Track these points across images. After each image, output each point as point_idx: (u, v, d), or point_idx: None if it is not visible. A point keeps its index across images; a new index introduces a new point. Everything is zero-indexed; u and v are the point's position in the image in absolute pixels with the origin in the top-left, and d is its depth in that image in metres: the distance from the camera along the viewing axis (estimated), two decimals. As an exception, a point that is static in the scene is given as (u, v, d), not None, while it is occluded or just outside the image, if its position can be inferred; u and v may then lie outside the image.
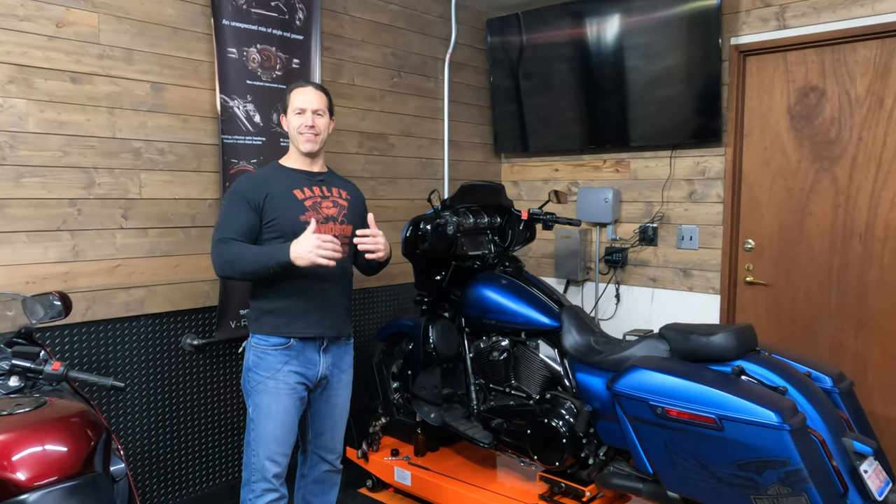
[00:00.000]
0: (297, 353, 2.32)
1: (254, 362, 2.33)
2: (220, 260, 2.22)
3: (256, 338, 2.34)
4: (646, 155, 3.90)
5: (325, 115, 2.37)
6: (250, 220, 2.27)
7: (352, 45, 3.60)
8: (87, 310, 2.68)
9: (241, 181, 2.34)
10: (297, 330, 2.31)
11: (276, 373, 2.30)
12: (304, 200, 2.34)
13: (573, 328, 2.76)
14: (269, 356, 2.30)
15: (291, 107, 2.35)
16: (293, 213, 2.30)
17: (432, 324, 3.00)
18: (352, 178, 3.64)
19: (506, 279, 2.99)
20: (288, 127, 2.38)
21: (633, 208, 3.96)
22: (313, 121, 2.33)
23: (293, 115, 2.34)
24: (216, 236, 2.26)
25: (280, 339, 2.31)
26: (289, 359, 2.31)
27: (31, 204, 2.53)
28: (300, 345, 2.32)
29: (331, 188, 2.44)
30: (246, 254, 2.19)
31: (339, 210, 2.42)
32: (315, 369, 2.37)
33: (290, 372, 2.31)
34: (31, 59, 2.50)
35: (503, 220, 3.33)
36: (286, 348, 2.31)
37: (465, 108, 4.29)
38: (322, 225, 2.34)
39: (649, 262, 3.90)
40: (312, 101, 2.34)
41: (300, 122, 2.33)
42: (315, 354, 2.36)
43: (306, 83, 2.40)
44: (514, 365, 2.96)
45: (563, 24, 4.03)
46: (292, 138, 2.38)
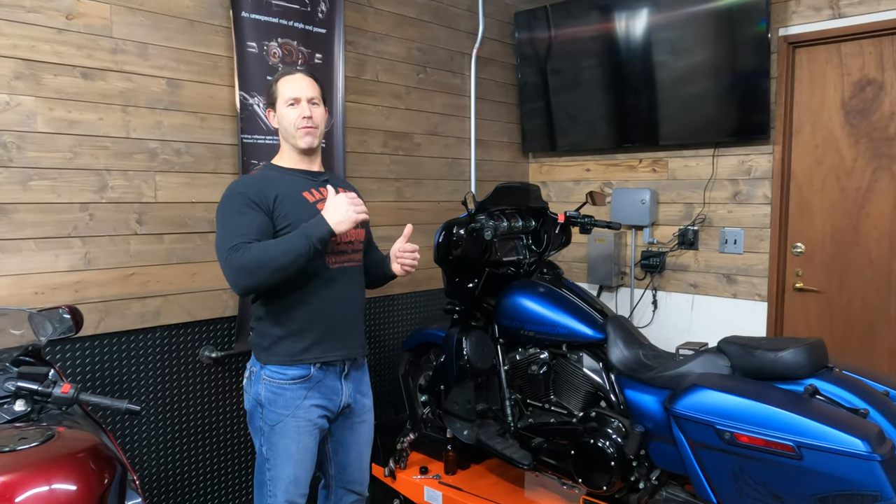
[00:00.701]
0: (316, 382, 2.03)
1: (268, 398, 2.00)
2: (242, 267, 1.82)
3: (270, 370, 2.01)
4: (685, 154, 3.69)
5: (320, 104, 2.06)
6: (263, 222, 1.92)
7: (376, 40, 3.42)
8: (99, 322, 2.51)
9: (238, 184, 1.98)
10: (318, 355, 2.01)
11: (295, 409, 2.00)
12: (316, 203, 2.04)
13: (620, 340, 2.56)
14: (286, 391, 1.99)
15: (281, 98, 2.02)
16: (308, 217, 1.97)
17: (466, 335, 2.81)
18: (377, 180, 3.45)
19: (544, 287, 2.79)
20: (278, 122, 2.05)
21: (671, 210, 3.75)
22: (310, 110, 2.01)
23: (285, 106, 2.01)
24: (226, 246, 1.86)
25: (299, 370, 2.00)
26: (308, 391, 2.01)
27: (39, 209, 2.36)
28: (321, 373, 2.04)
29: (336, 189, 2.10)
30: (271, 249, 1.84)
31: None
32: (338, 399, 2.09)
33: (311, 407, 2.02)
34: (40, 54, 2.33)
35: (538, 223, 3.13)
36: (306, 381, 2.01)
37: (491, 106, 4.10)
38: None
39: (689, 267, 3.69)
40: (306, 89, 2.02)
41: (296, 115, 2.00)
42: (336, 382, 2.08)
43: (294, 70, 2.08)
44: (553, 379, 2.76)
45: (593, 16, 3.83)
46: (286, 134, 2.05)
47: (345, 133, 3.24)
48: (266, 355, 2.02)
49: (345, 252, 2.08)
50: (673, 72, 3.56)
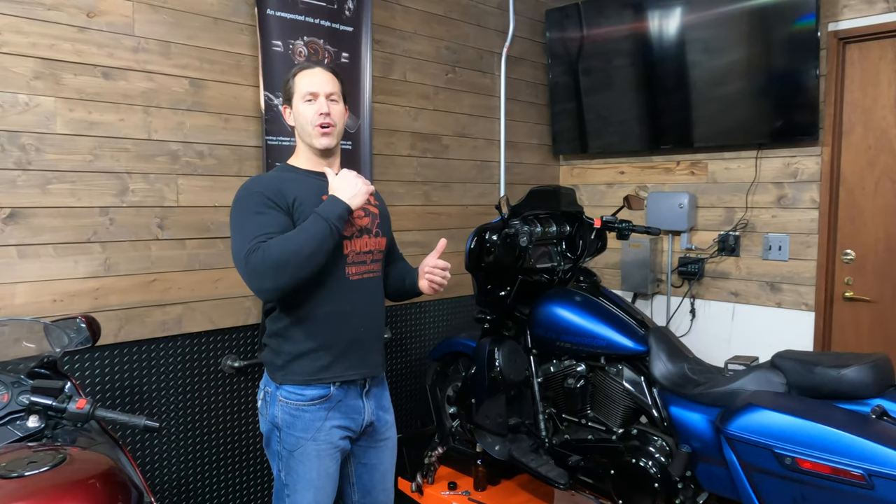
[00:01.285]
0: (337, 402, 1.87)
1: (285, 421, 1.85)
2: (266, 266, 1.66)
3: (286, 390, 1.85)
4: (726, 155, 3.53)
5: (339, 100, 1.89)
6: (285, 221, 1.76)
7: (404, 38, 3.30)
8: (119, 330, 2.42)
9: (254, 183, 1.83)
10: (338, 373, 1.85)
11: (316, 432, 1.84)
12: None
13: (663, 354, 2.41)
14: (305, 413, 1.83)
15: (298, 93, 1.87)
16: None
17: (498, 346, 2.68)
18: (404, 183, 3.34)
19: (581, 296, 2.65)
20: (294, 119, 1.90)
21: (711, 214, 3.59)
22: (328, 107, 1.85)
23: (301, 102, 1.86)
24: (244, 249, 1.70)
25: (318, 390, 1.84)
26: (329, 412, 1.85)
27: (58, 213, 2.28)
28: (341, 392, 1.87)
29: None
30: (292, 239, 1.69)
31: (372, 219, 1.97)
32: (360, 418, 1.92)
33: (332, 429, 1.86)
34: (60, 53, 2.25)
35: (573, 228, 2.99)
36: (325, 401, 1.85)
37: (522, 107, 3.96)
38: (357, 239, 1.90)
39: (730, 275, 3.52)
40: (325, 84, 1.86)
41: (312, 111, 1.84)
42: (358, 401, 1.92)
43: (313, 64, 1.93)
44: (591, 393, 2.62)
45: (627, 14, 3.68)
46: (302, 132, 1.89)
47: (371, 135, 3.13)
48: (281, 374, 1.86)
49: (363, 262, 1.92)
50: (712, 70, 3.40)
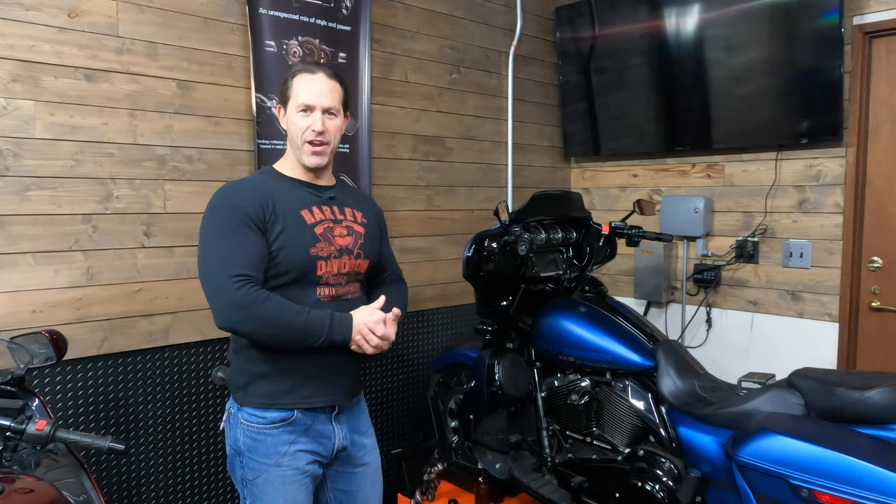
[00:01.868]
0: (303, 427, 1.72)
1: (247, 445, 1.71)
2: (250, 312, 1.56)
3: (247, 412, 1.71)
4: (744, 157, 3.35)
5: (338, 115, 1.74)
6: (263, 247, 1.63)
7: (405, 37, 3.19)
8: (103, 341, 2.34)
9: (233, 191, 1.68)
10: (300, 399, 1.70)
11: (279, 458, 1.69)
12: (315, 226, 1.71)
13: (672, 369, 2.26)
14: (266, 437, 1.69)
15: (294, 100, 1.72)
16: (303, 243, 1.68)
17: (499, 359, 2.55)
18: (405, 188, 3.22)
19: (586, 307, 2.51)
20: (287, 125, 1.75)
21: (728, 219, 3.42)
22: (323, 124, 1.70)
23: (295, 112, 1.71)
24: (228, 271, 1.58)
25: (279, 414, 1.69)
26: (295, 436, 1.71)
27: (38, 221, 2.20)
28: (307, 417, 1.72)
29: (343, 209, 1.80)
30: (287, 314, 1.59)
31: (355, 239, 1.79)
32: (330, 443, 1.77)
33: (298, 453, 1.71)
34: (39, 55, 2.18)
35: (580, 234, 2.85)
36: (288, 424, 1.70)
37: (530, 108, 3.83)
38: (334, 260, 1.73)
39: (748, 283, 3.34)
40: (323, 96, 1.70)
41: (305, 126, 1.70)
42: (327, 426, 1.76)
43: (316, 67, 1.74)
44: (596, 410, 2.48)
45: (641, 11, 3.53)
46: (292, 143, 1.76)
47: (370, 137, 3.02)
48: (242, 395, 1.73)
49: (339, 284, 1.75)
50: (729, 69, 3.23)
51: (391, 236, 3.15)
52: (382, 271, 1.98)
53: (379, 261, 1.92)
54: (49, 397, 2.24)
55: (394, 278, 2.02)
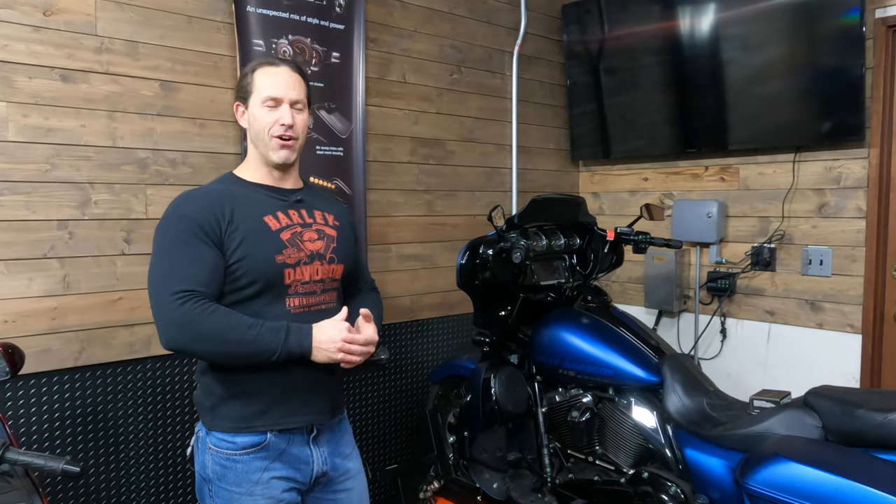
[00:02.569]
0: (277, 452, 1.58)
1: (216, 472, 1.57)
2: (189, 329, 1.44)
3: (215, 437, 1.58)
4: (759, 159, 3.19)
5: (304, 109, 1.65)
6: (215, 260, 1.51)
7: (403, 36, 3.07)
8: (80, 353, 2.24)
9: (185, 201, 1.57)
10: (274, 420, 1.57)
11: (252, 486, 1.55)
12: (280, 232, 1.60)
13: (679, 386, 2.11)
14: (237, 464, 1.55)
15: (257, 94, 1.60)
16: (267, 251, 1.56)
17: (496, 372, 2.41)
18: (403, 192, 3.10)
19: (588, 318, 2.37)
20: (248, 123, 1.64)
21: (743, 225, 3.25)
22: (292, 118, 1.60)
23: (259, 107, 1.60)
24: (170, 287, 1.46)
25: (251, 438, 1.56)
26: (268, 462, 1.57)
27: (10, 227, 2.11)
28: (281, 440, 1.58)
29: (312, 212, 1.69)
30: (235, 328, 1.46)
31: (327, 243, 1.68)
32: (307, 469, 1.63)
33: (272, 480, 1.57)
34: (12, 54, 2.09)
35: (584, 241, 2.71)
36: (261, 449, 1.57)
37: (536, 109, 3.69)
38: (305, 266, 1.61)
39: (765, 291, 3.17)
40: (290, 89, 1.61)
41: (272, 120, 1.59)
42: (304, 448, 1.62)
43: (278, 60, 1.66)
44: (598, 427, 2.33)
45: (653, 9, 3.38)
46: (256, 140, 1.63)
47: (366, 140, 2.91)
48: (210, 418, 1.59)
49: (312, 293, 1.63)
50: (745, 68, 3.08)
51: (388, 242, 3.05)
52: (355, 281, 1.85)
53: (353, 268, 1.79)
54: (22, 411, 2.14)
55: (367, 288, 1.90)
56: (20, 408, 2.14)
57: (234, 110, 1.69)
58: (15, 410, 2.13)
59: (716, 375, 3.26)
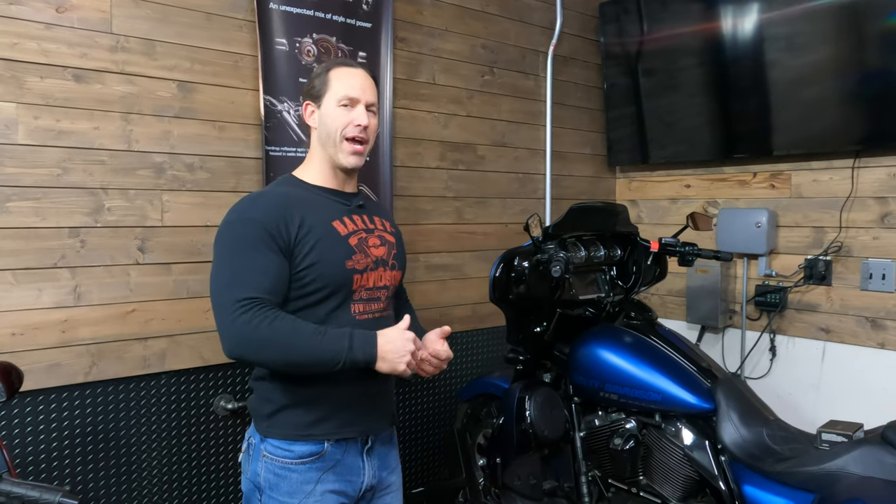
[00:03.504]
0: (332, 462, 1.56)
1: (268, 481, 1.54)
2: (253, 337, 1.40)
3: (271, 444, 1.55)
4: (814, 165, 2.97)
5: (376, 114, 1.65)
6: (280, 267, 1.48)
7: (433, 36, 2.93)
8: (91, 367, 2.13)
9: (252, 205, 1.54)
10: (333, 429, 1.55)
11: (305, 497, 1.52)
12: (349, 237, 1.58)
13: (735, 414, 1.92)
14: (292, 473, 1.53)
15: (333, 93, 1.57)
16: (337, 256, 1.54)
17: (530, 393, 2.24)
18: (431, 199, 2.95)
19: (632, 336, 2.19)
20: (319, 121, 1.59)
21: (795, 235, 3.03)
22: (367, 119, 1.57)
23: (335, 105, 1.56)
24: (233, 294, 1.42)
25: (309, 447, 1.54)
26: (322, 473, 1.54)
27: (19, 235, 2.00)
28: (337, 450, 1.56)
29: (373, 217, 1.69)
30: (300, 336, 1.42)
31: (389, 249, 1.67)
32: (358, 480, 1.61)
33: (325, 494, 1.54)
34: (23, 53, 1.99)
35: (625, 252, 2.53)
36: (318, 459, 1.54)
37: (571, 112, 3.51)
38: (371, 272, 1.59)
39: (820, 307, 2.95)
40: (367, 91, 1.59)
41: (347, 121, 1.55)
42: (357, 460, 1.61)
43: (354, 63, 1.65)
44: (643, 455, 2.14)
45: (695, 7, 3.19)
46: (326, 140, 1.59)
47: (393, 144, 2.76)
48: (267, 426, 1.56)
49: (377, 299, 1.63)
50: (796, 69, 2.87)
51: (415, 252, 2.89)
52: (401, 291, 1.85)
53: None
54: (30, 429, 2.03)
55: (405, 298, 1.92)
56: (27, 425, 2.02)
57: (303, 110, 1.65)
58: (22, 429, 2.01)
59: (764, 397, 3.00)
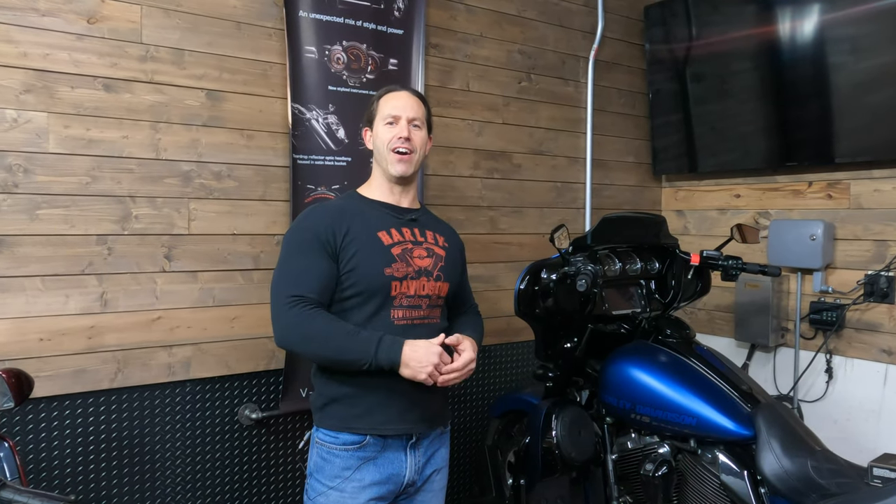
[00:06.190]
0: (374, 453, 1.69)
1: (317, 465, 1.72)
2: (296, 330, 1.62)
3: (322, 433, 1.73)
4: (876, 174, 2.76)
5: (422, 127, 1.81)
6: (328, 270, 1.68)
7: (467, 42, 2.87)
8: (116, 374, 2.14)
9: (310, 214, 1.77)
10: (374, 424, 1.68)
11: (342, 482, 1.67)
12: (392, 247, 1.73)
13: (777, 443, 1.77)
14: (336, 458, 1.68)
15: (380, 115, 1.79)
16: (377, 263, 1.69)
17: (558, 412, 2.13)
18: (465, 208, 2.89)
19: (667, 355, 2.06)
20: (373, 143, 1.81)
21: (854, 249, 2.82)
22: (409, 132, 1.75)
23: (382, 125, 1.78)
24: (285, 291, 1.65)
25: (352, 437, 1.68)
26: (362, 462, 1.68)
27: (48, 242, 2.03)
28: (379, 443, 1.69)
29: (424, 231, 1.82)
30: (334, 334, 1.61)
31: (435, 261, 1.79)
32: (400, 475, 1.72)
33: (364, 488, 1.67)
34: (55, 63, 2.03)
35: (663, 265, 2.40)
36: (359, 448, 1.68)
37: (614, 119, 3.39)
38: (412, 280, 1.72)
39: (881, 327, 2.73)
40: (409, 108, 1.78)
41: (391, 135, 1.76)
42: (400, 454, 1.72)
43: (400, 87, 1.86)
44: (677, 483, 2.01)
45: (748, 9, 3.03)
46: (378, 157, 1.80)
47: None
48: (319, 416, 1.75)
49: (417, 307, 1.74)
50: (855, 73, 2.69)
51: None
52: (461, 304, 1.96)
53: (458, 290, 1.90)
54: (56, 433, 2.06)
55: (472, 311, 2.00)
56: (54, 430, 2.05)
57: (363, 135, 1.86)
58: (48, 433, 2.04)
59: (819, 421, 2.84)
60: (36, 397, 1.99)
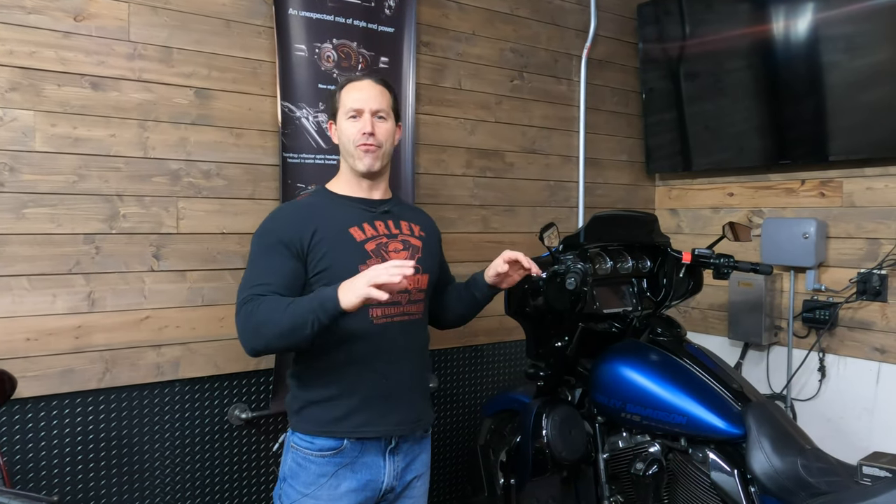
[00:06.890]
0: (351, 459, 1.63)
1: (291, 470, 1.67)
2: (247, 327, 1.54)
3: (297, 437, 1.67)
4: (868, 172, 2.76)
5: (388, 118, 1.71)
6: (291, 269, 1.60)
7: (459, 40, 2.86)
8: (104, 374, 2.13)
9: (274, 217, 1.70)
10: (352, 428, 1.62)
11: (317, 489, 1.62)
12: (365, 243, 1.67)
13: (767, 441, 1.76)
14: (310, 464, 1.63)
15: (343, 109, 1.70)
16: (350, 261, 1.62)
17: (548, 411, 2.12)
18: (457, 207, 2.87)
19: (657, 354, 2.05)
20: (339, 137, 1.73)
21: (847, 247, 2.82)
22: (373, 126, 1.67)
23: (345, 119, 1.69)
24: (240, 296, 1.58)
25: (328, 442, 1.63)
26: (338, 468, 1.62)
27: (35, 241, 2.02)
28: (357, 447, 1.64)
29: (399, 222, 1.76)
30: (277, 313, 1.50)
31: (412, 253, 1.74)
32: (377, 481, 1.66)
33: (339, 488, 1.62)
34: (41, 61, 2.01)
35: (655, 264, 2.39)
36: (336, 454, 1.63)
37: (607, 118, 3.38)
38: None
39: (874, 325, 2.73)
40: (371, 100, 1.69)
41: (355, 130, 1.67)
42: (378, 459, 1.66)
43: (362, 75, 1.81)
44: (668, 482, 2.00)
45: (742, 8, 3.03)
46: (344, 152, 1.72)
47: (415, 151, 2.70)
48: (295, 420, 1.69)
49: (396, 303, 1.66)
50: (849, 72, 2.69)
51: (440, 261, 2.83)
52: (446, 283, 1.93)
53: (440, 273, 1.86)
54: (43, 433, 2.04)
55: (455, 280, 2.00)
56: (41, 430, 2.04)
57: (328, 129, 1.78)
58: (36, 433, 2.03)
59: (812, 420, 2.84)
60: (22, 397, 1.97)
